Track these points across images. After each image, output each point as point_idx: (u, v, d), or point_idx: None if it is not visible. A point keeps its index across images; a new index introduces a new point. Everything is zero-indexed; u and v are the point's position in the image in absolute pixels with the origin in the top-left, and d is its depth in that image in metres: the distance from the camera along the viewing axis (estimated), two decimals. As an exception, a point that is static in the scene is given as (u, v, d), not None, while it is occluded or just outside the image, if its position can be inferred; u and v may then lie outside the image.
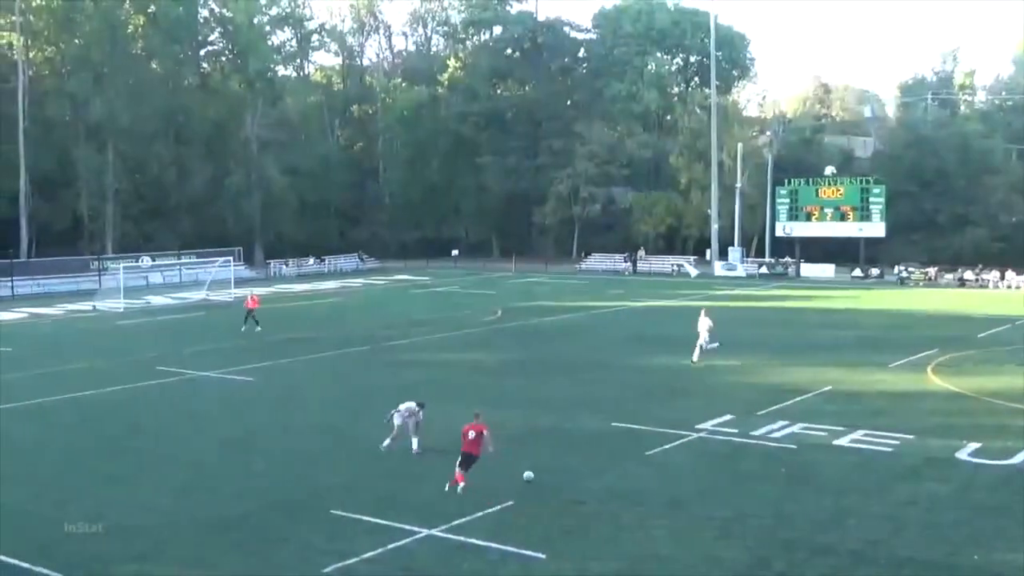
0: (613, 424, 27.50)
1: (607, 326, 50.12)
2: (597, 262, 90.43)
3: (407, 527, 19.15)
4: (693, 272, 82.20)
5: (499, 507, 20.37)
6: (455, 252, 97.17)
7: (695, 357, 36.78)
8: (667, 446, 25.11)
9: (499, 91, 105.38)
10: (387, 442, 24.96)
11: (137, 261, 74.94)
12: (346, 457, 24.69)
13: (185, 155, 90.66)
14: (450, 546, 18.36)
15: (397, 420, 24.82)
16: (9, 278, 69.78)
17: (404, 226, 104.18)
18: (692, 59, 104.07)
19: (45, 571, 17.36)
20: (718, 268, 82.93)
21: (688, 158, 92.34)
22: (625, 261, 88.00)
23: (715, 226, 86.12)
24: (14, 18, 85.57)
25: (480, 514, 19.93)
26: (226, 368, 37.34)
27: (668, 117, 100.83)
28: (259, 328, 47.54)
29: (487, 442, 21.61)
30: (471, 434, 21.60)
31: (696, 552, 18.03)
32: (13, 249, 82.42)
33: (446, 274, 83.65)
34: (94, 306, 60.82)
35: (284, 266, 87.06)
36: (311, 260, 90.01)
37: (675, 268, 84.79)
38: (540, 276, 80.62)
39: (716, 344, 37.44)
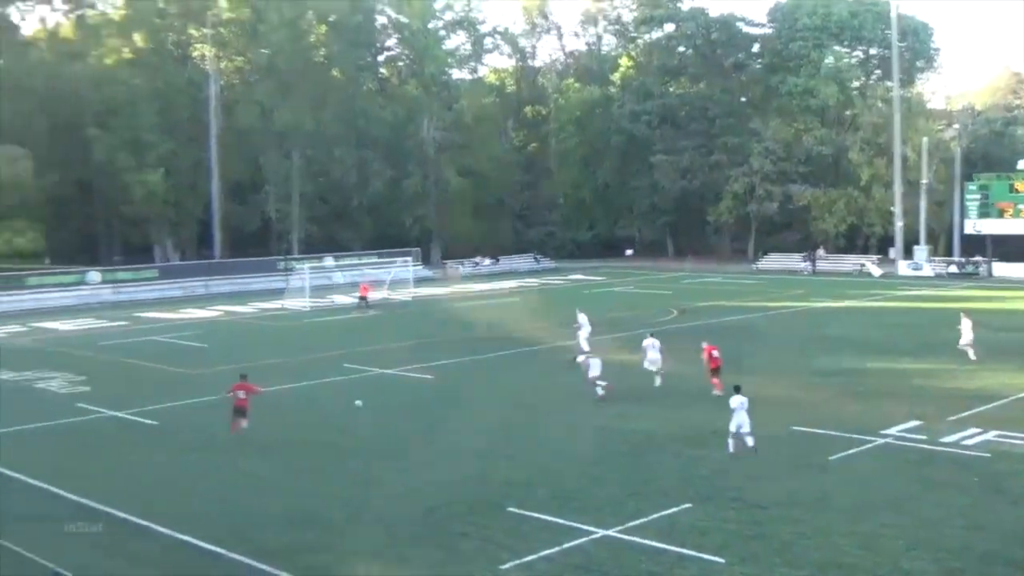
0: (793, 428, 26.89)
1: (787, 327, 49.01)
2: (774, 261, 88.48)
3: (583, 526, 19.24)
4: (876, 272, 79.44)
5: (676, 509, 20.25)
6: (629, 251, 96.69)
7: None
8: (850, 451, 24.40)
9: (672, 89, 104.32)
10: (658, 381, 32.24)
11: (321, 261, 77.57)
12: (523, 455, 24.96)
13: (365, 158, 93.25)
14: (626, 547, 18.35)
15: (650, 356, 32.85)
16: (205, 278, 73.45)
17: (577, 226, 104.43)
18: (873, 51, 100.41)
19: (241, 557, 18.23)
20: (903, 267, 79.89)
21: (869, 154, 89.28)
22: (804, 260, 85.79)
23: (899, 224, 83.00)
24: (206, 31, 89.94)
25: (657, 515, 19.84)
26: (407, 366, 38.28)
27: (848, 112, 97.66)
28: (371, 312, 57.02)
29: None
30: (715, 353, 31.06)
31: (883, 562, 17.46)
32: (208, 250, 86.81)
33: (620, 274, 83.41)
34: (282, 304, 63.35)
35: (460, 266, 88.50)
36: (487, 260, 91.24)
37: (857, 268, 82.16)
38: (715, 276, 79.49)
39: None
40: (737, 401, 24.50)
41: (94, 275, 70.19)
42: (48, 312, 62.62)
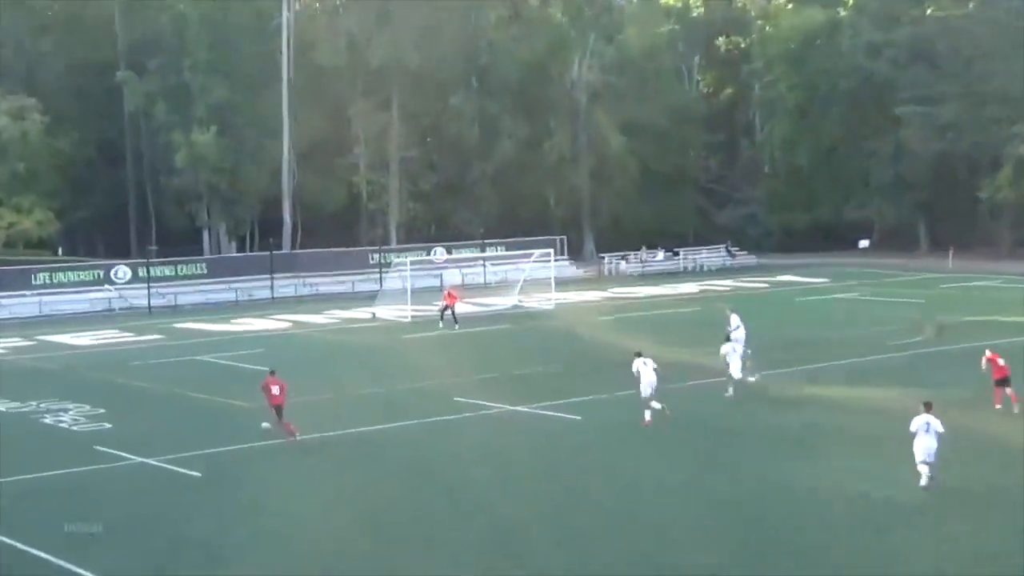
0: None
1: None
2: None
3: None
4: None
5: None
6: (864, 243, 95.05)
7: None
8: None
9: (928, 10, 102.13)
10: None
11: (428, 254, 78.27)
12: (715, 529, 24.54)
13: (490, 110, 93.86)
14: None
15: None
16: (268, 276, 74.88)
17: (790, 205, 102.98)
18: None
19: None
20: None
21: None
22: None
23: None
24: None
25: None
26: (543, 401, 38.19)
27: None
28: (457, 327, 57.02)
29: None
30: (1000, 361, 34.78)
31: None
32: (274, 238, 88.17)
33: (850, 274, 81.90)
34: (374, 314, 64.11)
35: (622, 262, 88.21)
36: (659, 254, 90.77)
37: None
38: (990, 278, 77.31)
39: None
40: (921, 421, 26.00)
41: (121, 270, 72.26)
42: (60, 320, 64.90)
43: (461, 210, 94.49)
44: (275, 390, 32.66)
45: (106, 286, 70.94)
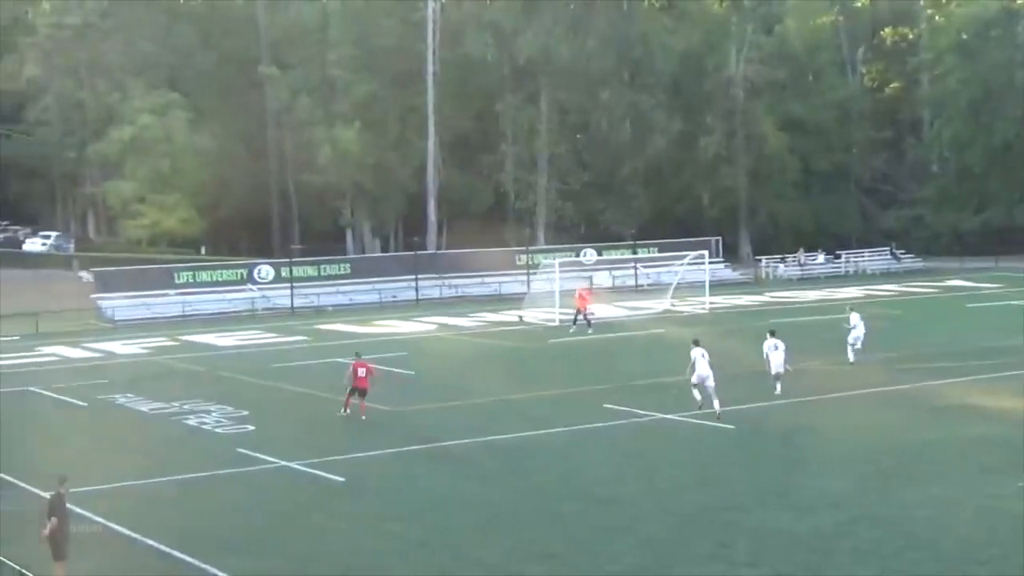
0: None
1: None
2: None
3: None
4: None
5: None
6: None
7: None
8: None
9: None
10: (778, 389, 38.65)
11: (577, 255, 78.27)
12: (866, 542, 24.31)
13: (643, 105, 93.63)
14: None
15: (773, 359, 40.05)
16: (412, 276, 75.74)
17: (961, 207, 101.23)
18: None
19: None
20: None
21: None
22: None
23: None
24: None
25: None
26: (696, 409, 38.20)
27: None
28: (591, 331, 57.85)
29: None
30: None
31: None
32: (420, 237, 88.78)
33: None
34: (520, 316, 64.68)
35: (780, 264, 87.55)
36: (820, 256, 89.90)
37: None
38: None
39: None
40: None
41: (264, 270, 73.36)
42: (202, 320, 66.52)
43: (612, 209, 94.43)
44: (361, 372, 37.66)
45: (248, 286, 72.07)
